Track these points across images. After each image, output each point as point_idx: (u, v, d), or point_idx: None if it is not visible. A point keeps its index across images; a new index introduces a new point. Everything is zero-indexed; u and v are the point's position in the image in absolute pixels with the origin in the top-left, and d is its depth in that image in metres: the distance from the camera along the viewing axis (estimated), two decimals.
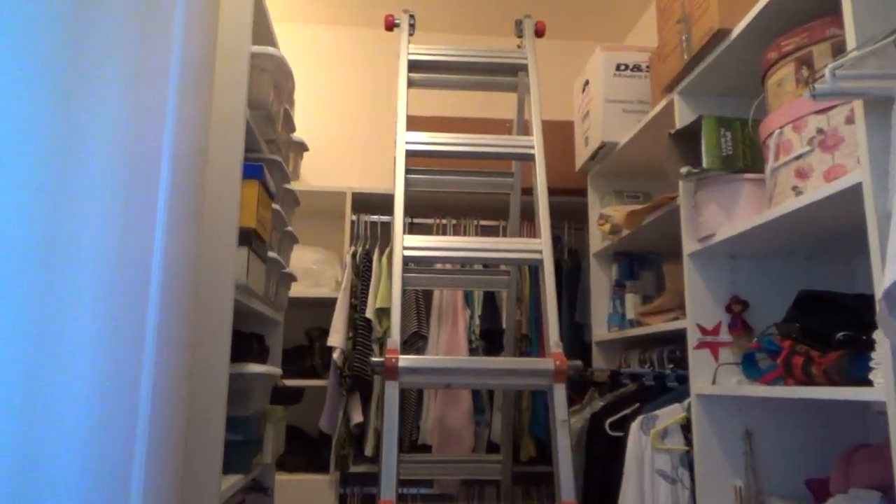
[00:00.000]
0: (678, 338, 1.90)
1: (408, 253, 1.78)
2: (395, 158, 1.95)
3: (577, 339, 2.78)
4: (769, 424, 1.70)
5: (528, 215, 2.54)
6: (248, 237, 1.29)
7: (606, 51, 2.38)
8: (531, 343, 2.73)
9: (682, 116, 1.82)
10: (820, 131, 1.28)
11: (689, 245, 1.77)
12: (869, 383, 1.15)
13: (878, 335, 1.14)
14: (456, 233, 3.06)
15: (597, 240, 2.59)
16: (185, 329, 1.13)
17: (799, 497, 1.63)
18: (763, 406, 1.71)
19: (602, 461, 2.07)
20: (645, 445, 1.78)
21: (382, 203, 2.95)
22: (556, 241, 3.07)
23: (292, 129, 1.80)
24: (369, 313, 2.67)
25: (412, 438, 2.66)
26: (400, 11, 2.19)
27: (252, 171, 1.32)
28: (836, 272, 1.74)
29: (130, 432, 1.02)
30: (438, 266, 2.71)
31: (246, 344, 1.48)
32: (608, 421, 2.06)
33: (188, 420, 1.29)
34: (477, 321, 2.72)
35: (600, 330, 2.55)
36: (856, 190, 1.14)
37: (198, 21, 1.16)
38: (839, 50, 1.28)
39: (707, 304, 1.76)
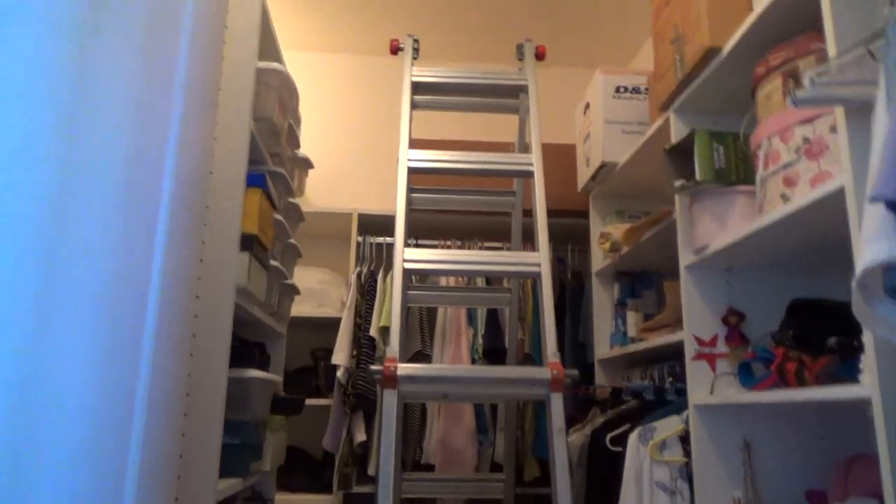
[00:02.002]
0: (678, 354, 1.91)
1: (408, 265, 1.82)
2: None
3: (580, 359, 2.79)
4: (768, 435, 1.71)
5: (530, 236, 2.58)
6: (249, 242, 1.33)
7: (606, 74, 2.44)
8: (534, 362, 2.73)
9: (678, 134, 1.86)
10: (806, 140, 1.32)
11: (685, 258, 1.80)
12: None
13: (866, 338, 1.16)
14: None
15: (598, 259, 2.62)
16: (183, 330, 1.16)
17: None
18: (761, 416, 1.71)
19: (602, 477, 2.06)
20: (643, 457, 1.78)
21: (388, 225, 2.99)
22: (560, 262, 3.10)
23: (297, 145, 1.86)
24: (373, 332, 2.69)
25: (415, 458, 2.66)
26: (405, 36, 2.26)
27: (255, 179, 1.37)
28: (830, 283, 1.75)
29: (126, 428, 1.04)
30: (441, 283, 2.74)
31: (247, 350, 1.51)
32: (609, 436, 2.06)
33: (186, 421, 1.32)
34: (480, 340, 2.74)
35: (603, 349, 2.56)
36: (840, 194, 1.17)
37: (203, 37, 1.22)
38: (823, 62, 1.32)
39: (704, 316, 1.78)
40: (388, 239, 3.07)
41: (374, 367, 1.63)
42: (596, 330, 2.62)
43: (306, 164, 1.97)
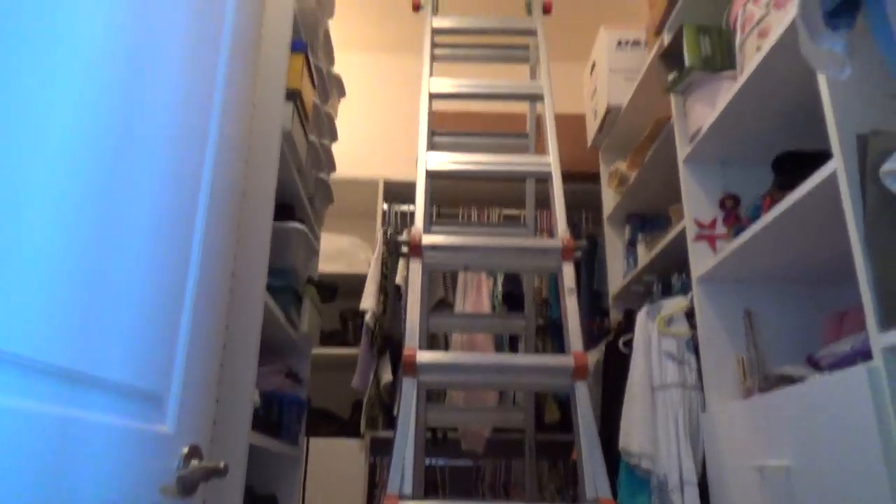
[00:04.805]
0: (685, 263, 2.02)
1: (431, 168, 2.02)
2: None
3: (596, 306, 2.91)
4: (768, 305, 1.83)
5: (543, 204, 2.77)
6: (293, 95, 1.54)
7: (608, 30, 2.68)
8: (550, 307, 2.87)
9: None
10: None
11: (682, 151, 1.97)
12: None
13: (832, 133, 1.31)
14: (480, 220, 3.28)
15: (609, 203, 2.78)
16: (236, 170, 1.32)
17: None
18: (761, 287, 1.84)
19: (616, 379, 2.17)
20: (651, 330, 1.90)
21: (413, 192, 3.19)
22: (574, 227, 3.27)
23: (331, 60, 2.10)
24: (399, 280, 2.86)
25: (439, 398, 2.77)
26: None
27: (298, 45, 1.59)
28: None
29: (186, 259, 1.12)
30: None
31: (286, 209, 1.70)
32: (622, 340, 2.18)
33: (236, 266, 1.48)
34: (500, 287, 2.89)
35: (615, 285, 2.69)
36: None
37: None
38: None
39: (702, 201, 1.94)
40: (412, 207, 3.27)
41: (401, 238, 1.81)
42: (609, 272, 2.76)
43: (339, 85, 2.20)
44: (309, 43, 1.75)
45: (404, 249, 1.80)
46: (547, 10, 2.51)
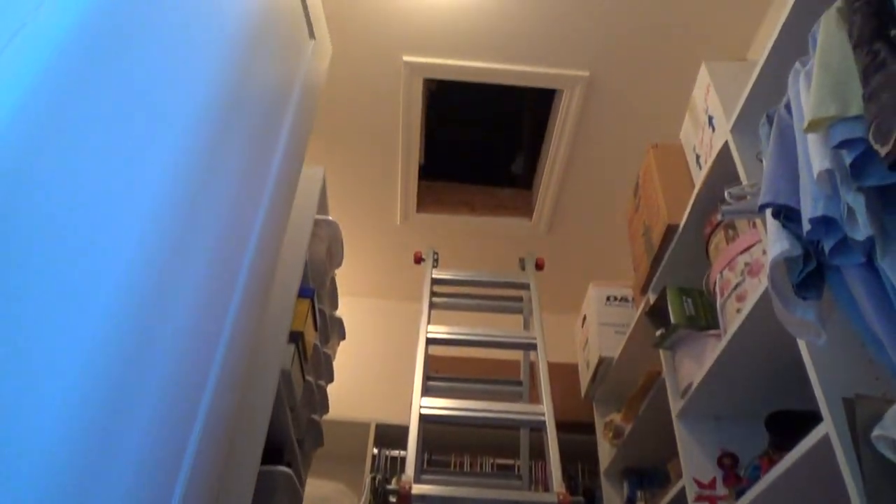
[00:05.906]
0: None
1: (425, 412, 2.01)
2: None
3: None
4: None
5: (538, 454, 2.72)
6: (296, 338, 1.59)
7: (597, 286, 2.85)
8: None
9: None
10: (747, 264, 1.65)
11: (675, 406, 1.98)
12: None
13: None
14: (473, 470, 3.17)
15: (605, 456, 2.71)
16: (231, 413, 1.35)
17: None
18: None
19: None
20: None
21: (404, 437, 3.12)
22: (571, 481, 3.14)
23: (335, 305, 2.19)
24: None
25: None
26: (426, 248, 2.73)
27: (305, 291, 1.68)
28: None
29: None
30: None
31: (276, 452, 1.66)
32: None
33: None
34: None
35: None
36: None
37: (280, 192, 1.65)
38: None
39: (700, 459, 1.90)
40: (404, 453, 3.16)
41: (390, 487, 1.74)
42: None
43: (340, 327, 2.28)
44: (316, 289, 1.86)
45: (392, 499, 1.72)
46: (539, 266, 2.70)
